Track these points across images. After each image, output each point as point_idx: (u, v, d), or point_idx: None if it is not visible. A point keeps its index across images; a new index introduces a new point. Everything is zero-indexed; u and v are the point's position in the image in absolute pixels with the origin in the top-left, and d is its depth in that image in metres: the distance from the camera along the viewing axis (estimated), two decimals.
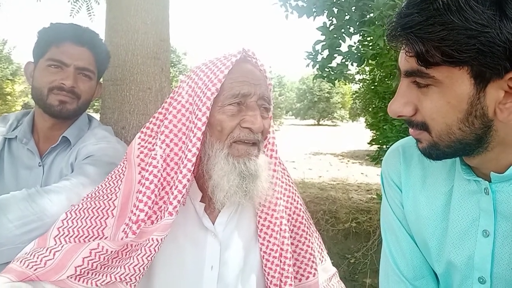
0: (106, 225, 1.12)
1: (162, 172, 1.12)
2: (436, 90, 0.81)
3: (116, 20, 2.21)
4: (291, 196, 1.37)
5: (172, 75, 33.99)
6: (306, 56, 5.18)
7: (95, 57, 1.69)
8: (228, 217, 1.23)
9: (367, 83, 7.53)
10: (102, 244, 1.04)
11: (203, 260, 1.17)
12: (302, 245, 1.35)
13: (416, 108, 0.87)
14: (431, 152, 0.90)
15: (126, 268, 1.08)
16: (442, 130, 0.84)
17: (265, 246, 1.23)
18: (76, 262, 1.03)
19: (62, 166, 1.60)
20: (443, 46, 0.75)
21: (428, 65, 0.79)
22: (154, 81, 2.25)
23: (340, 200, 6.39)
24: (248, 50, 1.20)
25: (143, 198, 1.08)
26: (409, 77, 0.86)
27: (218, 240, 1.19)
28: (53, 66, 1.59)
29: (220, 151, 1.12)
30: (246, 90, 1.11)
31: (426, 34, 0.76)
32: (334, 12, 4.74)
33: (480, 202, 0.95)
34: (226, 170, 1.11)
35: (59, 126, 1.66)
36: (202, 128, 1.09)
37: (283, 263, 1.23)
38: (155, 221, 1.12)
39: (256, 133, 1.12)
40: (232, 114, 1.11)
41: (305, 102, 50.35)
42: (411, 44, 0.79)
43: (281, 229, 1.25)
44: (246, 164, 1.12)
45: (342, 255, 4.57)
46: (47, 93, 1.58)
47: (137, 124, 2.18)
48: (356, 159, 13.90)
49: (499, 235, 0.92)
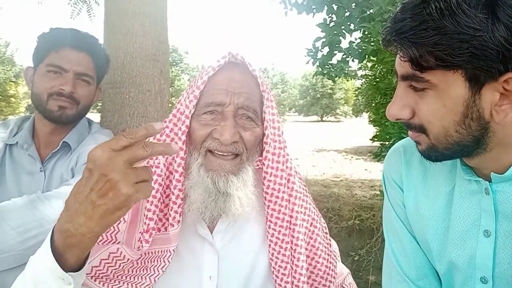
0: (119, 230, 1.10)
1: (165, 180, 1.12)
2: (432, 93, 0.82)
3: (114, 23, 2.21)
4: (308, 207, 1.30)
5: (174, 74, 34.02)
6: (306, 53, 5.19)
7: (94, 62, 1.69)
8: (227, 226, 1.19)
9: (369, 79, 7.50)
10: (121, 249, 1.03)
11: (201, 270, 1.15)
12: (318, 258, 1.28)
13: (414, 111, 0.87)
14: (430, 154, 0.91)
15: (144, 278, 1.08)
16: (439, 132, 0.85)
17: (273, 262, 1.18)
18: (94, 262, 1.01)
19: (63, 171, 1.61)
20: (436, 51, 0.75)
21: (422, 69, 0.79)
22: (153, 83, 2.25)
23: (344, 197, 6.39)
24: (237, 55, 1.12)
25: (151, 207, 1.07)
26: (405, 81, 0.86)
27: (215, 249, 1.17)
28: (52, 72, 1.59)
29: (195, 160, 1.09)
30: (220, 100, 1.06)
31: (419, 39, 0.76)
32: (333, 9, 4.73)
33: (481, 202, 0.95)
34: (194, 182, 1.08)
35: (59, 131, 1.66)
36: (182, 138, 1.08)
37: (297, 280, 1.19)
38: (162, 228, 1.12)
39: (227, 145, 1.06)
40: (204, 123, 1.07)
41: (308, 99, 50.33)
42: (405, 49, 0.79)
43: (296, 244, 1.20)
44: (214, 181, 1.06)
45: (346, 252, 4.57)
46: (47, 98, 1.58)
47: (137, 127, 2.18)
48: (359, 155, 13.87)
49: (500, 235, 0.92)
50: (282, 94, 44.81)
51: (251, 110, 1.09)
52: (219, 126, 1.06)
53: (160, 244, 1.11)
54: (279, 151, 1.17)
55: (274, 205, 1.17)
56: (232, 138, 1.04)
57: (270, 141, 1.16)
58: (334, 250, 1.42)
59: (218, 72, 1.10)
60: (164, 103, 2.32)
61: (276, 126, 1.18)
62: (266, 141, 1.16)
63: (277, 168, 1.17)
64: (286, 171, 1.19)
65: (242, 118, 1.09)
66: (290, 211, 1.20)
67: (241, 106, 1.07)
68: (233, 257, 1.18)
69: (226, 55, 1.11)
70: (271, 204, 1.18)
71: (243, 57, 1.13)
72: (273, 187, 1.17)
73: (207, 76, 1.08)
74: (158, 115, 2.25)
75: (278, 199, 1.17)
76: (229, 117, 1.06)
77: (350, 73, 5.26)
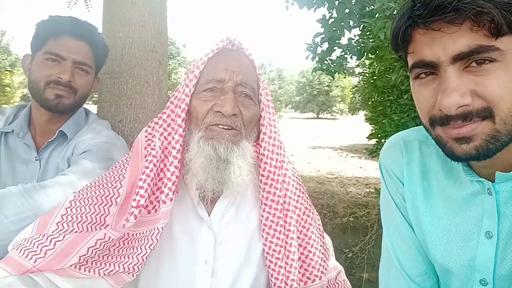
0: (109, 212, 1.12)
1: (160, 163, 1.14)
2: (499, 65, 0.75)
3: (113, 13, 2.18)
4: (302, 196, 1.33)
5: (171, 67, 33.91)
6: (306, 48, 5.17)
7: (93, 51, 1.67)
8: (225, 208, 1.21)
9: (366, 77, 7.49)
10: (109, 234, 1.04)
11: (197, 253, 1.16)
12: (310, 247, 1.30)
13: (473, 94, 0.77)
14: (489, 147, 0.79)
15: (131, 257, 1.09)
16: (509, 110, 0.76)
17: (267, 246, 1.19)
18: (81, 251, 1.02)
19: (58, 161, 1.59)
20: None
21: (498, 35, 0.73)
22: (151, 75, 2.23)
23: (338, 194, 6.40)
24: (235, 40, 1.20)
25: (143, 184, 1.09)
26: (461, 61, 0.77)
27: (213, 232, 1.17)
28: (50, 60, 1.57)
29: (195, 135, 1.12)
30: (220, 76, 1.12)
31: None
32: (334, 5, 4.72)
33: (483, 203, 0.93)
34: (194, 153, 1.11)
35: (56, 120, 1.64)
36: (181, 115, 1.12)
37: (289, 266, 1.19)
38: (152, 210, 1.13)
39: (228, 116, 1.09)
40: (205, 99, 1.12)
41: (304, 95, 50.34)
42: (485, 13, 0.72)
43: (289, 230, 1.21)
44: (215, 147, 1.08)
45: (340, 249, 4.58)
46: (44, 87, 1.56)
47: (134, 118, 2.16)
48: (355, 153, 13.90)
49: (502, 236, 0.90)
50: (279, 90, 44.78)
51: (249, 87, 1.15)
52: (219, 100, 1.11)
53: (148, 225, 1.12)
54: (274, 135, 1.22)
55: (269, 188, 1.20)
56: (232, 110, 1.08)
57: (267, 124, 1.20)
58: (327, 243, 1.43)
59: (217, 54, 1.16)
60: (162, 94, 2.30)
61: (271, 112, 1.23)
62: (263, 123, 1.21)
63: (272, 151, 1.21)
64: (280, 156, 1.23)
65: (241, 95, 1.14)
66: (283, 196, 1.22)
67: (240, 83, 1.13)
68: (230, 242, 1.20)
69: (224, 39, 1.18)
70: (267, 187, 1.20)
71: (241, 42, 1.20)
72: (269, 169, 1.20)
73: (206, 57, 1.14)
74: (156, 107, 2.23)
75: (274, 182, 1.20)
76: (229, 91, 1.11)
77: (348, 69, 5.25)
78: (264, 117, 1.21)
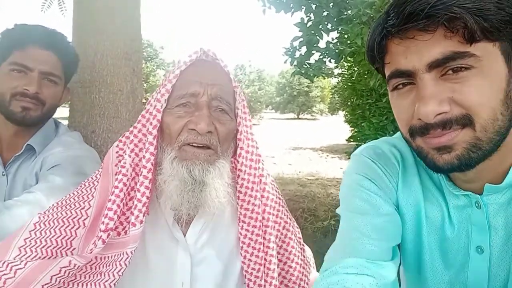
0: (76, 235, 1.06)
1: (131, 182, 1.08)
2: (475, 72, 0.74)
3: (83, 20, 2.12)
4: (281, 210, 1.29)
5: (149, 69, 33.54)
6: (284, 52, 5.17)
7: (61, 61, 1.60)
8: (201, 228, 1.16)
9: (345, 78, 7.55)
10: (74, 261, 0.98)
11: (174, 275, 1.11)
12: (291, 262, 1.27)
13: (451, 102, 0.76)
14: (471, 156, 0.77)
15: (97, 284, 1.03)
16: (488, 116, 0.74)
17: (246, 264, 1.15)
18: (44, 280, 0.96)
19: (26, 176, 1.53)
20: (491, 16, 0.71)
21: (473, 41, 0.72)
22: (125, 83, 2.17)
23: (319, 197, 6.41)
24: (208, 51, 1.13)
25: (112, 206, 1.03)
26: (437, 69, 0.76)
27: (189, 253, 1.13)
28: (16, 71, 1.50)
29: (168, 155, 1.07)
30: (194, 89, 1.06)
31: (470, 3, 0.70)
32: (312, 8, 4.73)
33: (471, 216, 0.90)
34: (168, 175, 1.05)
35: (23, 134, 1.58)
36: (152, 132, 1.07)
37: (269, 284, 1.16)
38: (122, 232, 1.08)
39: (203, 134, 1.04)
40: (178, 116, 1.07)
41: (284, 96, 50.48)
42: (458, 19, 0.71)
43: (268, 247, 1.18)
44: (190, 169, 1.03)
45: (321, 253, 4.50)
46: (10, 99, 1.49)
47: (107, 128, 2.10)
48: (335, 153, 13.98)
49: (494, 250, 0.88)
50: (259, 91, 44.76)
51: (224, 101, 1.10)
52: (193, 117, 1.05)
53: (118, 248, 1.05)
54: (252, 149, 1.17)
55: (247, 205, 1.16)
56: (208, 128, 1.03)
57: (244, 138, 1.16)
58: (308, 256, 1.40)
59: (190, 66, 1.09)
60: (137, 103, 2.24)
61: (249, 125, 1.18)
62: (240, 137, 1.16)
63: (250, 166, 1.16)
64: (258, 171, 1.18)
65: (216, 110, 1.09)
66: (262, 212, 1.18)
67: (215, 96, 1.07)
68: (207, 263, 1.15)
69: (198, 51, 1.12)
70: (244, 204, 1.16)
71: (215, 53, 1.13)
72: (246, 185, 1.16)
73: (179, 70, 1.08)
74: (130, 116, 2.18)
75: (252, 198, 1.16)
76: (203, 106, 1.06)
77: (327, 71, 5.28)
78: (241, 131, 1.16)
